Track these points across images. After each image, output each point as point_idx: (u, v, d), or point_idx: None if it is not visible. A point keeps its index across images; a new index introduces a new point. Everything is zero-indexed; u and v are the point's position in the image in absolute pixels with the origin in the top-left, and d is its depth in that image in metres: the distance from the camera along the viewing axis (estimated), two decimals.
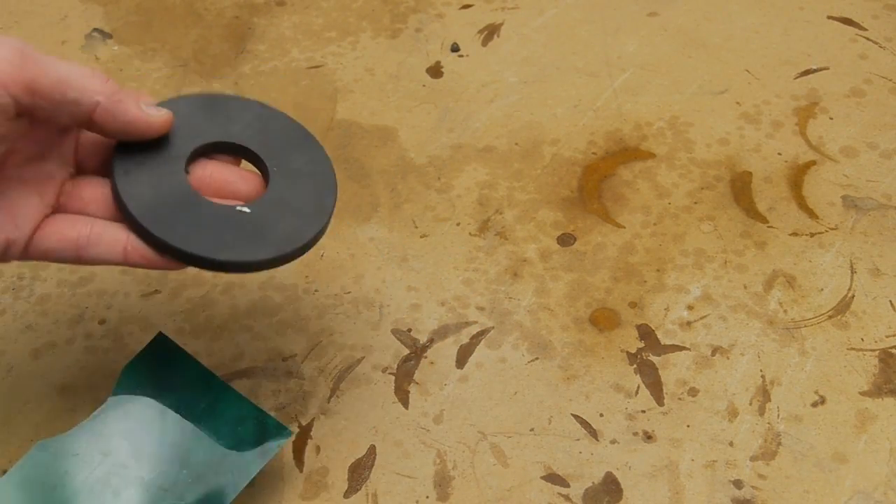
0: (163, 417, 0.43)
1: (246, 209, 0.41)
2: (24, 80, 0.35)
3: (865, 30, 0.65)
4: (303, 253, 0.41)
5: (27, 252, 0.39)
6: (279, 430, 0.43)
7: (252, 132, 0.43)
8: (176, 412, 0.43)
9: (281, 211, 0.41)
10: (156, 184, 0.40)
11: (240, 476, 0.41)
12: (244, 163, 0.44)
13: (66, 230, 0.39)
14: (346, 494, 0.44)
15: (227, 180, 0.42)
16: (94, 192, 0.41)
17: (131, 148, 0.40)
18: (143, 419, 0.43)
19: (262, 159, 0.42)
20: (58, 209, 0.40)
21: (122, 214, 0.40)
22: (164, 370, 0.44)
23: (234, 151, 0.43)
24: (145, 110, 0.39)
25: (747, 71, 0.63)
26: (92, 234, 0.40)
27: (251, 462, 0.42)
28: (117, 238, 0.40)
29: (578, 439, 0.46)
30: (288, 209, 0.41)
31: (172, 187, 0.40)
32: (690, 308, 0.50)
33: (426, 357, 0.49)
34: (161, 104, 0.41)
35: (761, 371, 0.48)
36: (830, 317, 0.50)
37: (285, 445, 0.46)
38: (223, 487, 0.41)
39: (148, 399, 0.43)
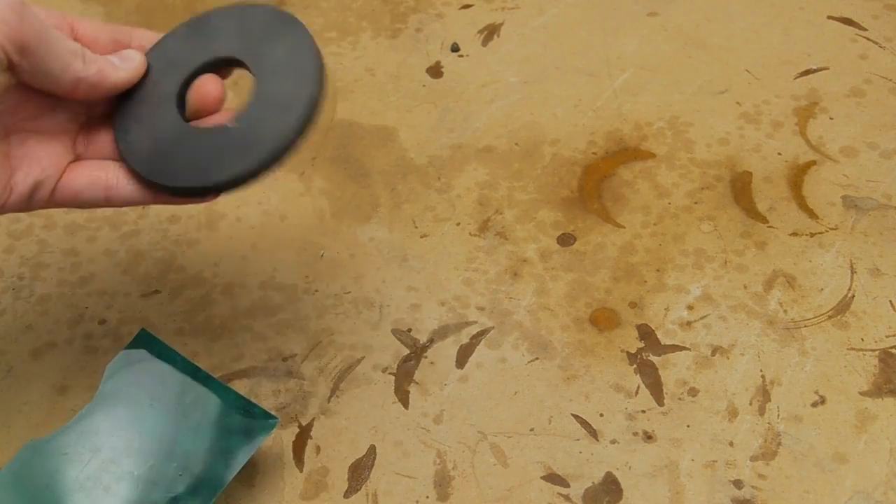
0: (149, 412, 0.43)
1: (234, 124, 0.41)
2: (19, 40, 0.35)
3: (865, 30, 0.65)
4: (291, 148, 0.41)
5: (55, 195, 0.40)
6: (266, 419, 0.43)
7: (232, 41, 0.43)
8: (162, 406, 0.43)
9: (267, 112, 0.41)
10: (152, 134, 0.41)
11: (229, 466, 0.42)
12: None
13: (97, 171, 0.41)
14: (346, 494, 0.44)
15: (209, 91, 0.42)
16: (109, 135, 0.42)
17: (129, 103, 0.42)
18: (130, 415, 0.43)
19: (244, 63, 0.42)
20: (80, 157, 0.42)
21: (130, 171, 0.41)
22: (148, 365, 0.44)
23: (220, 67, 0.43)
24: (119, 67, 0.40)
25: (747, 71, 0.63)
26: (121, 175, 0.41)
27: (239, 451, 0.42)
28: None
29: (578, 439, 0.46)
30: (274, 108, 0.41)
31: (167, 130, 0.41)
32: (690, 308, 0.50)
33: (426, 357, 0.49)
34: (151, 49, 0.42)
35: (761, 371, 0.48)
36: (830, 317, 0.50)
37: (272, 437, 0.46)
38: (213, 478, 0.41)
39: (134, 394, 0.43)
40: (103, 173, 0.41)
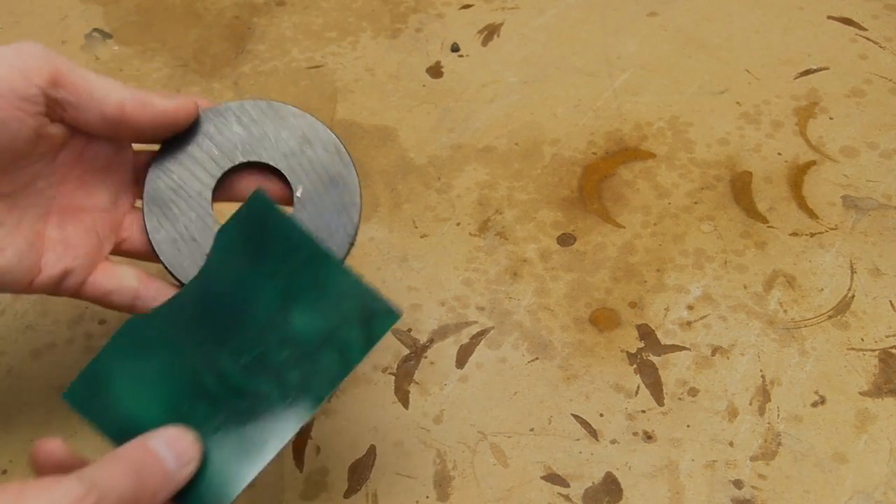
0: (262, 287, 0.38)
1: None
2: (49, 72, 0.36)
3: (865, 30, 0.65)
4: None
5: (84, 289, 0.40)
6: (387, 312, 0.37)
7: (283, 154, 0.42)
8: (276, 284, 0.38)
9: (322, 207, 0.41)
10: (183, 232, 0.41)
11: (345, 361, 0.37)
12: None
13: (128, 280, 0.40)
14: (346, 494, 0.44)
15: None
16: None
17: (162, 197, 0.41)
18: (240, 287, 0.38)
19: (290, 184, 0.42)
20: (123, 242, 0.41)
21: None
22: (263, 233, 0.39)
23: (263, 168, 0.43)
24: (171, 99, 0.39)
25: (747, 71, 0.63)
26: (151, 286, 0.40)
27: (356, 346, 0.37)
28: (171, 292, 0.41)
29: (578, 439, 0.46)
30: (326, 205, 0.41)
31: (199, 230, 0.41)
32: (690, 308, 0.50)
33: (426, 357, 0.49)
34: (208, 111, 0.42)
35: (761, 371, 0.48)
36: (830, 317, 0.50)
37: (389, 332, 0.41)
38: (327, 373, 0.37)
39: (246, 266, 0.38)
40: (134, 282, 0.40)
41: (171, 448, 0.35)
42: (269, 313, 0.38)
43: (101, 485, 0.31)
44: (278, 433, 0.37)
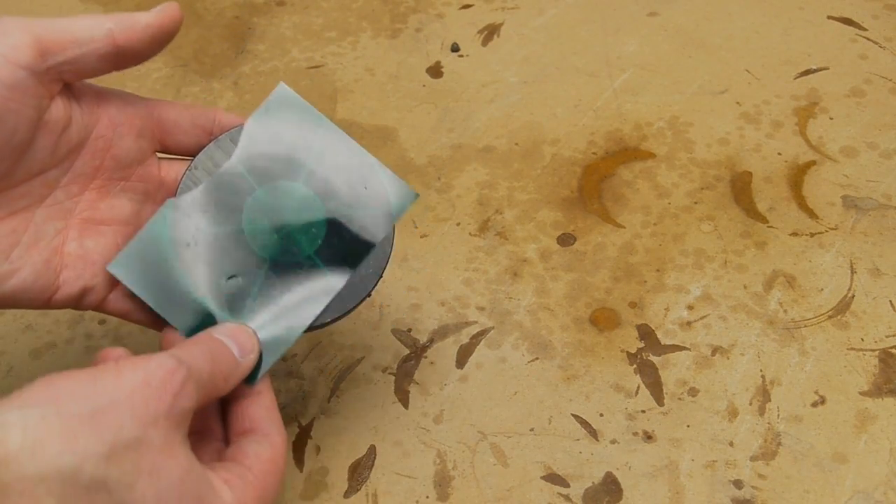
0: (293, 164, 0.41)
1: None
2: (30, 45, 0.34)
3: (865, 30, 0.65)
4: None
5: (105, 305, 0.39)
6: (406, 194, 0.42)
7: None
8: (303, 162, 0.41)
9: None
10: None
11: (370, 234, 0.41)
12: None
13: None
14: (346, 494, 0.44)
15: None
16: None
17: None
18: (273, 162, 0.40)
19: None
20: None
21: None
22: (289, 124, 0.41)
23: None
24: (152, 11, 0.38)
25: (747, 71, 0.63)
26: None
27: (379, 225, 0.41)
28: None
29: (578, 439, 0.46)
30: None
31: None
32: (690, 308, 0.50)
33: (426, 357, 0.49)
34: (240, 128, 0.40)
35: (761, 371, 0.48)
36: (830, 317, 0.50)
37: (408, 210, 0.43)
38: (357, 244, 0.40)
39: (280, 145, 0.41)
40: None
41: (233, 340, 0.37)
42: (300, 187, 0.41)
43: (189, 362, 0.33)
44: (312, 300, 0.40)
